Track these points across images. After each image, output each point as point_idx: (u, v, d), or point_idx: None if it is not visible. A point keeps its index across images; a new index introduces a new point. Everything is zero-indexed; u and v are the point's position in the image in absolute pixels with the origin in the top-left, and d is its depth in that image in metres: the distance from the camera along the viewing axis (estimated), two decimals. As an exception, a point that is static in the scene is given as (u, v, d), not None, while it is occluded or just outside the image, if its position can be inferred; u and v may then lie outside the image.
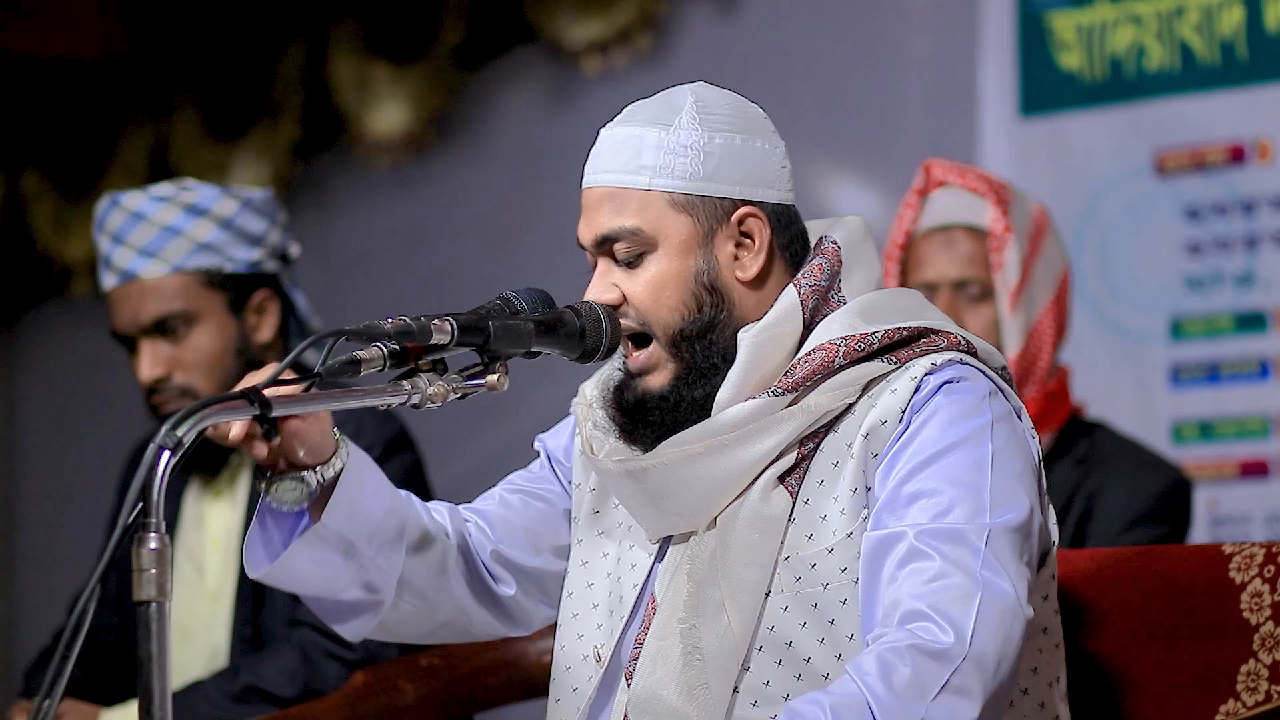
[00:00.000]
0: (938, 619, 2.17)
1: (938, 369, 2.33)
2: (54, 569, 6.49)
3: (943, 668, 2.15)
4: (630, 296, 2.39)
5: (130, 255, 3.45)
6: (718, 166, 2.39)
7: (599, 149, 2.44)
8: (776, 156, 2.43)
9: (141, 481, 2.03)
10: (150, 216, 3.46)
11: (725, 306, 2.39)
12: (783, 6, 5.41)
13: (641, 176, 2.39)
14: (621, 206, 2.39)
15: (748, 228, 2.40)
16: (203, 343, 3.46)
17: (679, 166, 2.38)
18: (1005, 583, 2.21)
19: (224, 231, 3.47)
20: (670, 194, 2.38)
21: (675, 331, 2.38)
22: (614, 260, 2.40)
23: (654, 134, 2.39)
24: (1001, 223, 3.65)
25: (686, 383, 2.38)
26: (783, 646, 2.32)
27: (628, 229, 2.38)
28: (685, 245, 2.38)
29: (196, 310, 3.46)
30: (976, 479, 2.27)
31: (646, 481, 2.37)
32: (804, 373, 2.34)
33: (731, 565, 2.33)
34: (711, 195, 2.39)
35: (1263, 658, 2.45)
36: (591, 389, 2.50)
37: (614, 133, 2.43)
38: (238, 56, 6.26)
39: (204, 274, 3.47)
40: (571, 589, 2.50)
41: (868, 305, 2.40)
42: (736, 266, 2.40)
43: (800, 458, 2.35)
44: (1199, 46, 4.69)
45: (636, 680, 2.37)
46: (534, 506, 2.59)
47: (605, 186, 2.41)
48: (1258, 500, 4.63)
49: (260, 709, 3.30)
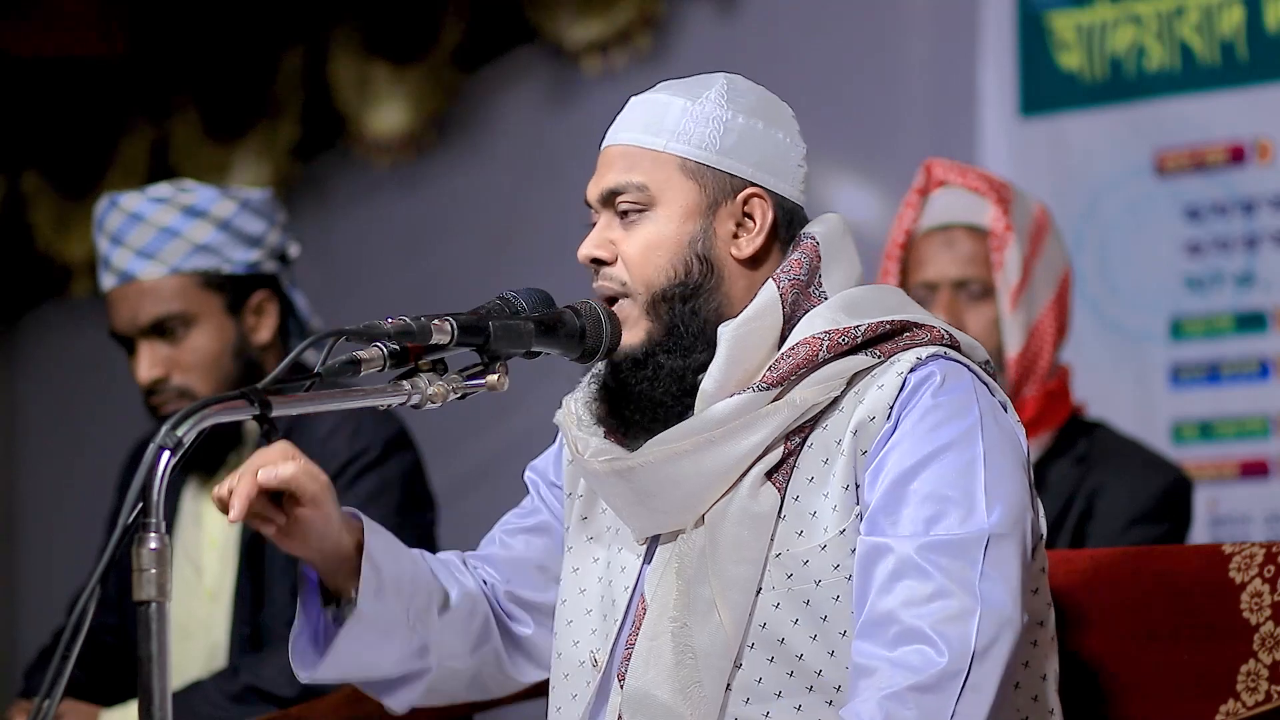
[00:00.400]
0: (936, 640, 2.19)
1: (923, 363, 2.33)
2: (54, 569, 6.49)
3: (945, 701, 2.17)
4: (622, 254, 2.41)
5: (128, 256, 3.45)
6: (736, 144, 2.41)
7: (624, 113, 2.47)
8: (795, 155, 2.46)
9: (141, 481, 2.03)
10: (148, 218, 3.46)
11: (714, 278, 2.40)
12: (783, 6, 5.41)
13: (659, 138, 2.41)
14: (634, 164, 2.41)
15: (751, 209, 2.42)
16: (201, 344, 3.46)
17: (698, 135, 2.40)
18: (1004, 594, 2.23)
19: (222, 233, 3.48)
20: (683, 159, 2.40)
21: (657, 291, 2.39)
22: (616, 217, 2.42)
23: (680, 102, 2.42)
24: (1002, 222, 3.65)
25: (664, 349, 2.38)
26: (775, 643, 2.32)
27: (634, 183, 2.40)
28: (686, 211, 2.40)
29: (194, 312, 3.46)
30: (969, 481, 2.27)
31: (634, 480, 2.37)
32: (788, 367, 2.34)
33: (721, 563, 2.33)
34: (724, 170, 2.41)
35: (1263, 658, 2.45)
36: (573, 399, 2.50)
37: (642, 99, 2.47)
38: (238, 56, 6.26)
39: (202, 275, 3.47)
40: (565, 596, 2.50)
41: (850, 300, 2.40)
42: (733, 244, 2.41)
43: (787, 453, 2.35)
44: (1199, 46, 4.69)
45: (629, 681, 2.37)
46: (535, 543, 2.60)
47: (622, 145, 2.44)
48: (1258, 500, 4.63)
49: (260, 709, 3.30)
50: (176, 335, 3.46)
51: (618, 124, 2.46)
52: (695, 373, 2.38)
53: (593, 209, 2.46)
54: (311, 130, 6.18)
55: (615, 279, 2.41)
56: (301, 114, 6.18)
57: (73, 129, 6.56)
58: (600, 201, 2.44)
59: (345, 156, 6.15)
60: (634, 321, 2.41)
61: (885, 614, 2.23)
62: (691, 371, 2.38)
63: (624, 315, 2.41)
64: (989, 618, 2.21)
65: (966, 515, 2.25)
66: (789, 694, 2.30)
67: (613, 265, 2.41)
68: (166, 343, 3.46)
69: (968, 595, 2.21)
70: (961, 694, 2.18)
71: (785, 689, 2.31)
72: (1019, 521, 2.28)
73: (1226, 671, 2.47)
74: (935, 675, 2.18)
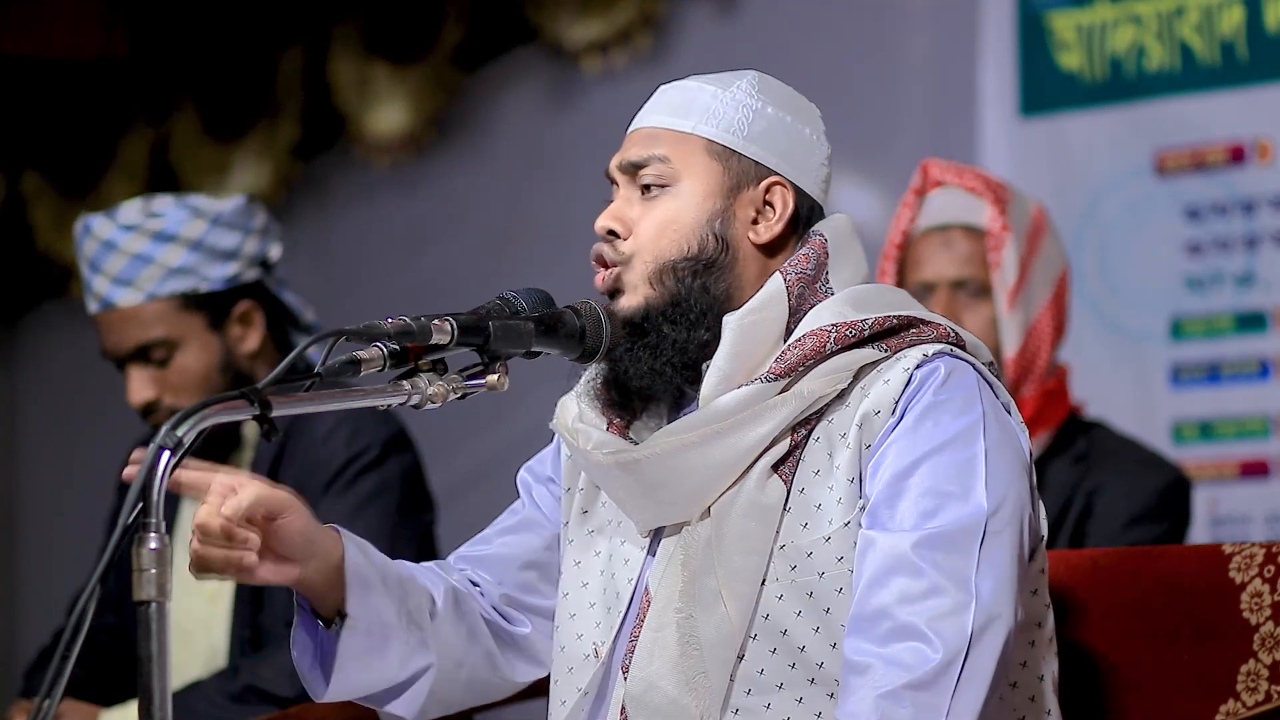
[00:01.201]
0: (931, 637, 2.20)
1: (929, 360, 2.34)
2: (54, 569, 6.49)
3: (940, 698, 2.18)
4: (638, 229, 2.41)
5: (106, 283, 3.46)
6: (764, 132, 2.43)
7: (653, 99, 2.49)
8: (820, 153, 2.48)
9: (141, 481, 2.03)
10: (120, 246, 3.45)
11: (728, 257, 2.40)
12: (783, 6, 5.41)
13: (688, 120, 2.43)
14: (660, 141, 2.43)
15: (772, 197, 2.43)
16: (187, 364, 3.47)
17: (727, 119, 2.42)
18: (997, 589, 2.23)
19: (195, 253, 3.47)
20: (710, 141, 2.42)
21: (666, 261, 2.39)
22: (637, 192, 2.43)
23: (711, 89, 2.44)
24: (999, 222, 3.65)
25: (668, 319, 2.38)
26: (778, 635, 2.32)
27: (657, 155, 2.41)
28: (707, 190, 2.41)
29: (176, 335, 3.46)
30: (968, 477, 2.28)
31: (639, 473, 2.37)
32: (795, 358, 2.34)
33: (728, 554, 2.33)
34: (749, 156, 2.42)
35: (1263, 658, 2.45)
36: (569, 399, 2.50)
37: (673, 87, 2.48)
38: (238, 57, 6.26)
39: (180, 298, 3.47)
40: (566, 590, 2.50)
41: (857, 296, 2.41)
42: (751, 229, 2.42)
43: (793, 445, 2.35)
44: (1199, 46, 4.69)
45: (633, 672, 2.37)
46: (527, 543, 2.59)
47: (649, 127, 2.45)
48: (1258, 500, 4.63)
49: (260, 709, 3.31)
50: (162, 359, 3.46)
51: (646, 108, 2.48)
52: (698, 349, 2.38)
53: (614, 182, 2.46)
54: (311, 130, 6.18)
55: (621, 250, 2.41)
56: (301, 114, 6.18)
57: (73, 129, 6.56)
58: (621, 171, 2.44)
59: (345, 156, 6.15)
60: (633, 287, 2.41)
61: (878, 609, 2.23)
62: (695, 346, 2.38)
63: (625, 281, 2.41)
64: (983, 612, 2.21)
65: (963, 510, 2.26)
66: (790, 685, 2.31)
67: (624, 240, 2.42)
68: (154, 366, 3.46)
69: (962, 591, 2.22)
70: (956, 689, 2.18)
71: (787, 680, 2.31)
72: (1015, 518, 2.29)
73: (1226, 671, 2.47)
74: (930, 672, 2.18)
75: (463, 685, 2.54)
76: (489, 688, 2.58)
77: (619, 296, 2.42)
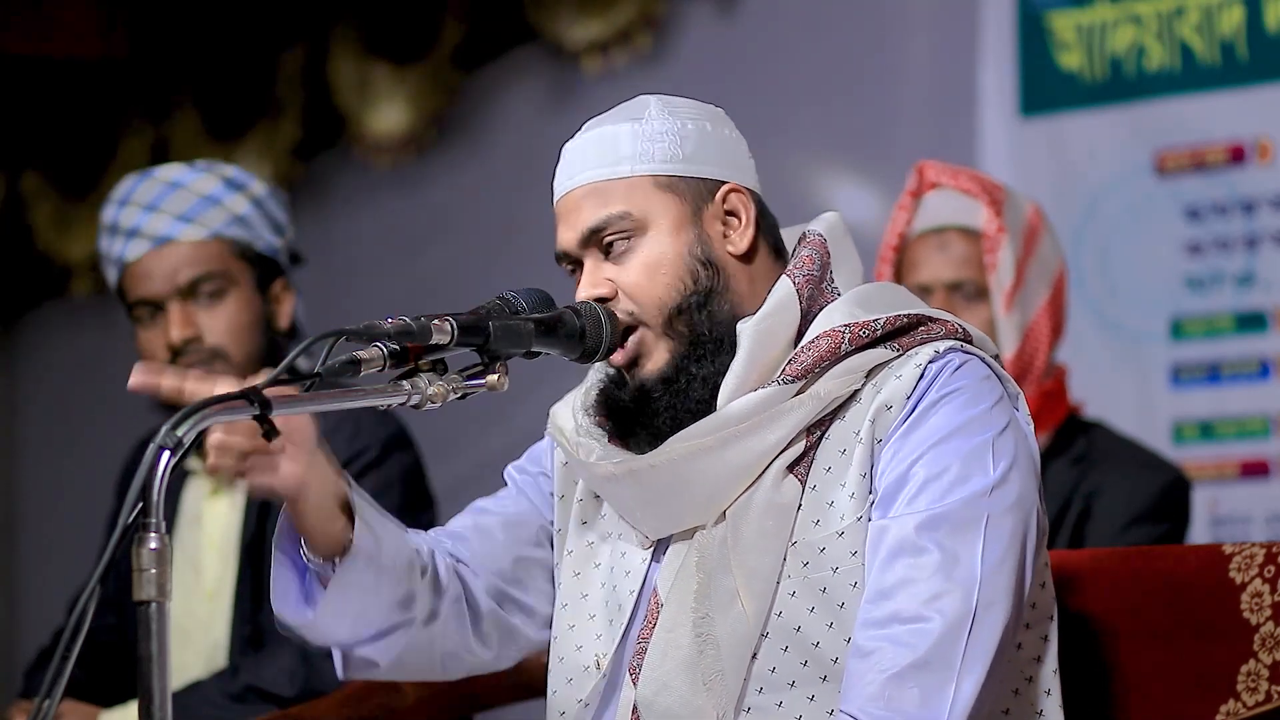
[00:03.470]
0: (933, 616, 2.22)
1: (941, 356, 2.35)
2: (54, 569, 6.49)
3: (946, 677, 2.20)
4: (623, 286, 2.40)
5: (167, 220, 3.47)
6: (695, 149, 2.42)
7: (568, 158, 2.45)
8: (744, 148, 2.48)
9: (141, 481, 2.03)
10: (189, 185, 3.51)
11: (721, 278, 2.40)
12: (783, 6, 5.41)
13: (622, 166, 2.40)
14: (606, 198, 2.40)
15: (732, 205, 2.43)
16: (234, 310, 3.49)
17: (658, 150, 2.40)
18: (1001, 570, 2.25)
19: (256, 210, 3.54)
20: (654, 176, 2.40)
21: (671, 308, 2.38)
22: (601, 255, 2.41)
23: (626, 127, 2.42)
24: (995, 223, 3.65)
25: (691, 359, 2.38)
26: (790, 632, 2.32)
27: (616, 214, 2.39)
28: (675, 223, 2.40)
29: (231, 277, 3.49)
30: (975, 462, 2.29)
31: (650, 480, 2.37)
32: (810, 360, 2.35)
33: (745, 554, 2.34)
34: (694, 175, 2.41)
35: (1263, 658, 2.45)
36: (563, 409, 2.50)
37: (582, 139, 2.45)
38: (238, 56, 6.26)
39: (238, 245, 3.50)
40: (565, 600, 2.49)
41: (863, 296, 2.42)
42: (727, 242, 2.42)
43: (808, 446, 2.36)
44: (1199, 46, 4.69)
45: (644, 675, 2.37)
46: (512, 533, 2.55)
47: (584, 185, 2.42)
48: (1258, 500, 4.63)
49: (260, 709, 3.31)
50: (212, 298, 3.47)
51: (566, 170, 2.44)
52: (723, 375, 2.38)
53: (570, 260, 2.44)
54: (311, 130, 6.18)
55: (623, 311, 2.40)
56: (301, 114, 6.19)
57: (73, 129, 6.56)
58: (580, 246, 2.42)
59: (345, 156, 6.16)
60: (652, 346, 2.40)
61: (882, 592, 2.25)
62: (721, 375, 2.38)
63: (643, 345, 2.40)
64: (985, 591, 2.23)
65: (968, 492, 2.28)
66: (802, 683, 2.31)
67: (615, 300, 2.40)
68: (201, 305, 3.47)
69: (964, 570, 2.24)
70: (961, 666, 2.20)
71: (799, 678, 2.32)
72: (1021, 504, 2.30)
73: (1226, 671, 2.47)
74: (932, 650, 2.21)
75: (435, 657, 2.51)
76: (457, 661, 2.53)
77: (644, 362, 2.41)
